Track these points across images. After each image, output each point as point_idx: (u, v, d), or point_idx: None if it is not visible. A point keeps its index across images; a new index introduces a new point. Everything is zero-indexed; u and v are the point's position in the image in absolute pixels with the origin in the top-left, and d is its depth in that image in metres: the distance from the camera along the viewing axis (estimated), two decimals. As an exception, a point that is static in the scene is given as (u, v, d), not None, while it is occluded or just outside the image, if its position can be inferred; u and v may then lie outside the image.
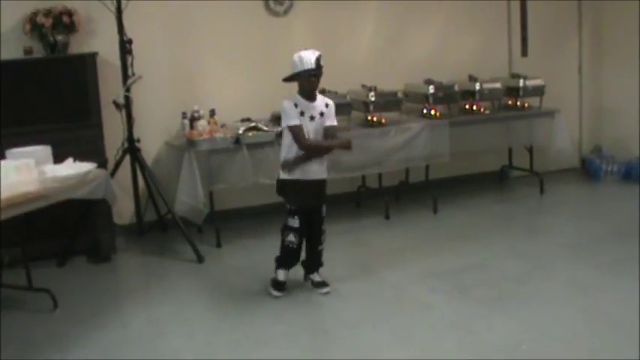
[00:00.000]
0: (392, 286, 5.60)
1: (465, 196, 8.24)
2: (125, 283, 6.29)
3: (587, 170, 9.20)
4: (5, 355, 4.56)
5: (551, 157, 8.66)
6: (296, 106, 5.23)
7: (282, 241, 5.46)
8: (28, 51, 6.43)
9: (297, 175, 5.30)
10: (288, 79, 5.33)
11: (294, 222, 5.36)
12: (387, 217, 7.45)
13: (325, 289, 5.45)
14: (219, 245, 6.76)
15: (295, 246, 5.40)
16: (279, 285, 5.47)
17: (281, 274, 5.50)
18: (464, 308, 5.13)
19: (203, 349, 4.64)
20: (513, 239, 6.71)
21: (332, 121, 5.37)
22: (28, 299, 5.49)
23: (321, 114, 5.28)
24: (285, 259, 5.50)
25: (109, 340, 4.80)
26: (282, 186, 5.43)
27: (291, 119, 5.23)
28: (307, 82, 5.22)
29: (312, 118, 5.25)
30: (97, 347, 4.69)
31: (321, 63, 5.19)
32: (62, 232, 6.23)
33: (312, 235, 5.47)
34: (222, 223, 6.95)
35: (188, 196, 6.48)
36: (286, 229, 5.41)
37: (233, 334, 4.86)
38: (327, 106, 5.35)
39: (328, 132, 5.35)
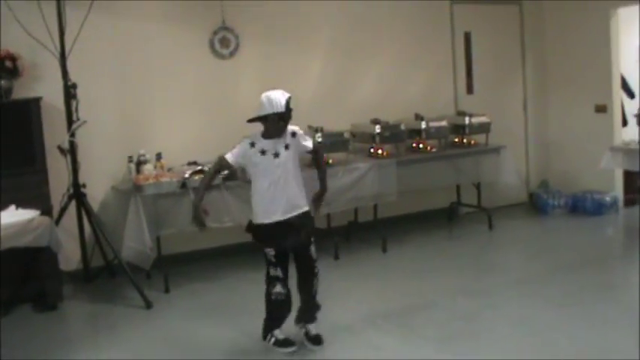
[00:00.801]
0: (342, 327, 5.55)
1: (414, 234, 8.27)
2: (72, 332, 6.16)
3: (535, 205, 9.32)
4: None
5: (499, 192, 8.79)
6: (253, 145, 4.88)
7: (268, 294, 5.03)
8: (-29, 96, 6.35)
9: (267, 216, 4.90)
10: (253, 120, 4.96)
11: (277, 271, 4.97)
12: (337, 258, 7.44)
13: (316, 347, 5.09)
14: (167, 290, 6.68)
15: (284, 297, 5.00)
16: (285, 342, 5.09)
17: (278, 333, 5.11)
18: (414, 348, 5.11)
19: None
20: (463, 277, 6.73)
21: (306, 145, 5.06)
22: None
23: (287, 147, 4.90)
24: (276, 315, 5.10)
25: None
26: (253, 231, 5.05)
27: (230, 154, 4.97)
28: (274, 126, 4.86)
29: (276, 154, 4.86)
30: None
31: (291, 105, 4.87)
32: (6, 280, 6.10)
33: (301, 280, 5.10)
34: (171, 267, 6.89)
35: (135, 241, 6.40)
36: (270, 280, 5.00)
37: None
38: (293, 135, 4.96)
39: (316, 155, 5.23)
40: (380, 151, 7.78)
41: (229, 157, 4.96)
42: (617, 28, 8.87)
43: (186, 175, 6.65)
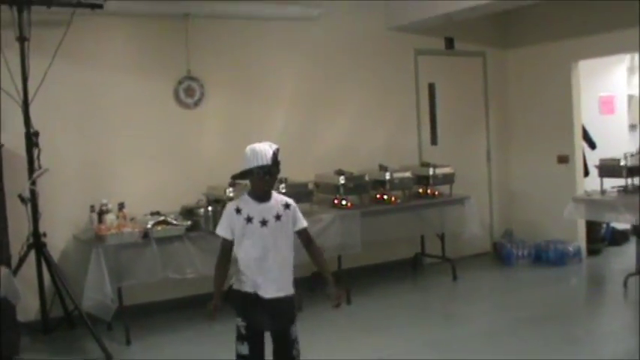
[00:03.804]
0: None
1: (378, 286, 8.24)
2: (28, 387, 6.05)
3: (499, 254, 9.36)
4: None
5: (464, 242, 8.82)
6: (238, 211, 4.31)
7: None
8: None
9: (249, 286, 4.32)
10: (237, 177, 4.45)
11: (243, 349, 4.32)
12: (300, 309, 7.33)
13: None
14: (128, 342, 6.58)
15: None
16: None
17: None
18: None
19: None
20: (428, 329, 6.71)
21: (301, 223, 4.46)
22: None
23: (278, 217, 4.33)
24: None
25: None
26: (231, 295, 4.43)
27: (220, 227, 4.39)
28: (260, 181, 4.30)
29: (263, 222, 4.29)
30: None
31: (279, 158, 4.31)
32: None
33: None
34: (132, 318, 6.78)
35: (96, 292, 6.31)
36: (237, 357, 4.37)
37: None
38: (287, 206, 4.40)
39: (302, 237, 4.49)
40: (344, 202, 7.77)
41: (222, 232, 4.37)
42: (578, 79, 9.04)
43: (149, 226, 6.58)
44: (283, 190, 7.09)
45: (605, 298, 7.88)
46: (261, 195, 4.36)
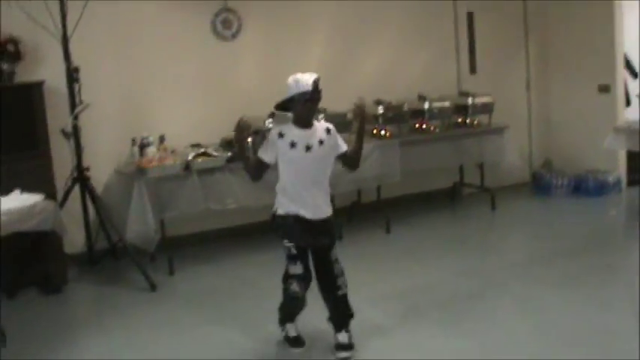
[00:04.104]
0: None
1: (417, 215, 8.29)
2: (77, 315, 6.21)
3: (538, 185, 9.32)
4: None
5: (502, 172, 8.78)
6: (282, 135, 4.50)
7: (285, 290, 4.64)
8: (-28, 81, 6.34)
9: (292, 209, 4.54)
10: (280, 105, 4.63)
11: (296, 268, 4.51)
12: (340, 238, 7.44)
13: (343, 354, 4.69)
14: (171, 273, 6.71)
15: (300, 295, 4.58)
16: (294, 341, 4.86)
17: (291, 329, 4.89)
18: (417, 330, 5.14)
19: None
20: (466, 258, 6.76)
21: (342, 147, 4.69)
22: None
23: (321, 142, 4.52)
24: (290, 311, 4.86)
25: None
26: (275, 221, 4.64)
27: (263, 151, 4.57)
28: (302, 108, 4.49)
29: (308, 148, 4.47)
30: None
31: (320, 87, 4.50)
32: (12, 263, 6.13)
33: (322, 283, 4.71)
34: (175, 249, 6.91)
35: (139, 224, 6.42)
36: (288, 277, 4.57)
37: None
38: (328, 131, 4.61)
39: (345, 161, 4.76)
40: (383, 132, 7.78)
41: (265, 156, 4.55)
42: (621, 7, 8.83)
43: (190, 158, 6.66)
44: (322, 121, 7.08)
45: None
46: (304, 122, 4.54)
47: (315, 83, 4.48)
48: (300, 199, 4.52)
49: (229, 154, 6.78)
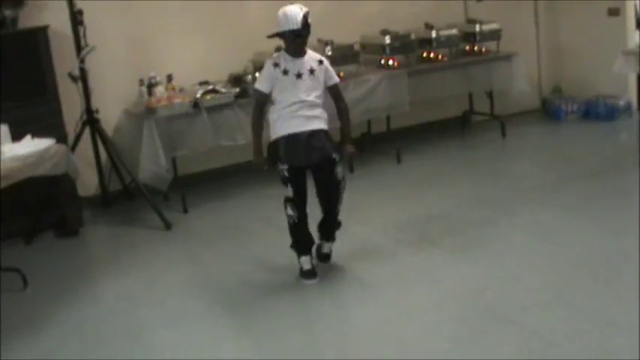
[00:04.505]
0: (358, 239, 5.63)
1: (428, 144, 8.29)
2: (94, 256, 6.31)
3: (548, 111, 9.28)
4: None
5: (512, 99, 8.75)
6: (276, 65, 4.79)
7: (286, 216, 4.94)
8: (-23, 30, 6.30)
9: (283, 131, 4.80)
10: (272, 36, 4.88)
11: (288, 191, 4.83)
12: (351, 170, 7.48)
13: (325, 262, 5.15)
14: (185, 211, 6.77)
15: (296, 220, 4.87)
16: (307, 274, 4.98)
17: (305, 262, 4.99)
18: (430, 258, 5.19)
19: (175, 317, 4.66)
20: (477, 185, 6.77)
21: (333, 79, 4.96)
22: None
23: (311, 71, 4.80)
24: (294, 239, 5.00)
25: (82, 316, 4.81)
26: (270, 149, 4.93)
27: (259, 82, 4.90)
28: (292, 43, 4.78)
29: (298, 75, 4.76)
30: (70, 324, 4.70)
31: (309, 20, 4.70)
32: (27, 209, 6.20)
33: (323, 198, 4.96)
34: (188, 187, 6.96)
35: (151, 164, 6.47)
36: (285, 202, 4.87)
37: (203, 298, 4.90)
38: (320, 62, 4.87)
39: (332, 93, 4.98)
40: (390, 62, 7.74)
41: (260, 86, 4.86)
42: None
43: (198, 95, 6.65)
44: (329, 53, 7.08)
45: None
46: (296, 51, 4.82)
47: (305, 18, 4.68)
48: (291, 123, 4.78)
49: (237, 90, 6.78)
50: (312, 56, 4.91)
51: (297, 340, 4.26)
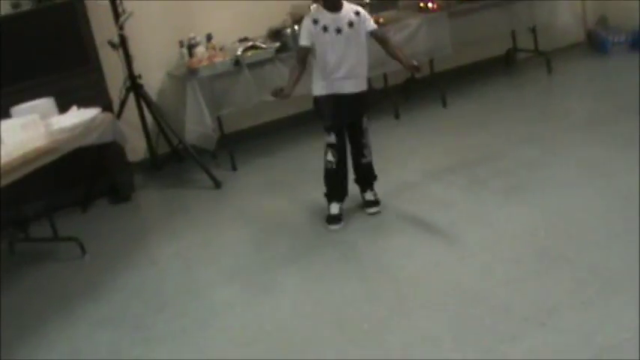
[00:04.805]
0: (408, 185, 5.65)
1: (472, 86, 8.17)
2: (148, 220, 6.39)
3: (594, 43, 9.06)
4: (41, 308, 4.68)
5: (556, 34, 8.58)
6: (315, 22, 4.86)
7: (324, 163, 5.16)
8: (15, 5, 6.30)
9: (325, 90, 4.98)
10: None
11: (330, 138, 5.05)
12: (397, 117, 7.45)
13: (372, 209, 5.25)
14: (234, 168, 6.82)
15: (334, 166, 5.09)
16: (332, 218, 5.16)
17: (333, 208, 5.19)
18: (481, 200, 5.17)
19: (232, 274, 4.73)
20: (525, 124, 6.68)
21: (371, 25, 5.00)
22: (56, 250, 5.60)
23: (350, 24, 4.86)
24: (329, 184, 5.21)
25: (140, 279, 4.91)
26: (314, 102, 5.12)
27: (301, 38, 4.98)
28: None
29: (338, 30, 4.84)
30: (130, 288, 4.79)
31: None
32: (80, 179, 6.30)
33: (353, 149, 5.23)
34: (235, 145, 7.01)
35: (197, 124, 6.49)
36: (325, 147, 5.10)
37: (258, 255, 4.97)
38: (357, 14, 4.92)
39: (375, 38, 5.04)
40: (430, 5, 7.62)
41: (303, 41, 4.95)
42: None
43: (239, 53, 6.64)
44: (367, 0, 7.01)
45: None
46: (334, 5, 4.90)
47: None
48: (335, 79, 4.93)
49: (278, 44, 6.75)
50: (349, 8, 4.95)
51: (355, 289, 4.29)
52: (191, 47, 6.91)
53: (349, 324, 3.90)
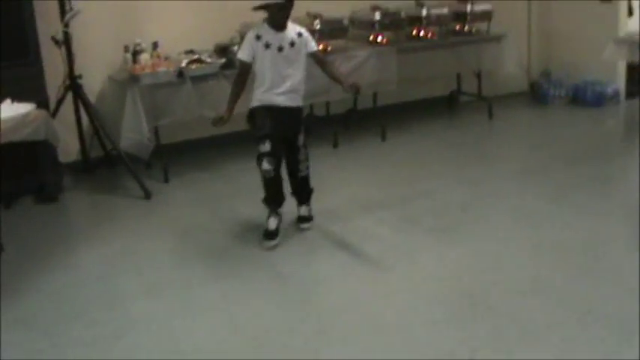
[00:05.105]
0: (340, 215, 5.63)
1: (413, 123, 8.24)
2: (73, 223, 6.23)
3: (536, 94, 9.26)
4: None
5: (500, 81, 8.72)
6: (258, 38, 4.97)
7: (260, 173, 5.06)
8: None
9: (264, 101, 5.05)
10: (257, 9, 5.00)
11: (265, 147, 4.94)
12: (336, 146, 7.44)
13: (305, 225, 5.39)
14: (166, 180, 6.71)
15: (272, 174, 4.99)
16: (269, 234, 5.15)
17: (271, 223, 5.19)
18: (410, 238, 5.17)
19: (152, 287, 4.63)
20: (462, 166, 6.74)
21: (312, 46, 5.15)
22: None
23: (292, 44, 5.01)
24: (268, 193, 5.22)
25: (58, 283, 4.76)
26: (249, 115, 5.16)
27: (241, 52, 5.08)
28: (277, 15, 4.96)
29: (280, 49, 4.97)
30: (46, 291, 4.64)
31: None
32: (7, 174, 6.11)
33: (289, 164, 5.30)
34: (170, 157, 6.90)
35: (133, 132, 6.37)
36: (259, 157, 4.99)
37: (182, 270, 4.86)
38: (299, 35, 5.07)
39: (315, 59, 5.19)
40: (379, 39, 7.67)
41: (243, 56, 5.06)
42: None
43: (183, 65, 6.57)
44: (318, 27, 7.02)
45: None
46: (278, 25, 4.99)
47: None
48: (272, 93, 5.04)
49: (223, 60, 6.70)
50: (292, 28, 5.08)
51: (275, 316, 4.23)
52: (136, 53, 6.81)
53: (265, 353, 3.83)
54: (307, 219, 5.41)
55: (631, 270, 4.41)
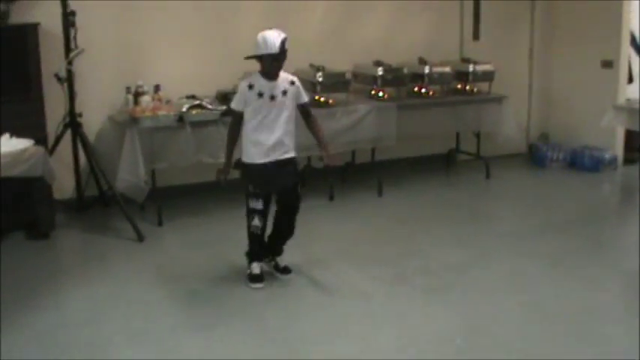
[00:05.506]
0: (330, 269, 5.58)
1: (410, 179, 8.24)
2: (63, 261, 6.19)
3: (534, 156, 9.26)
4: None
5: (499, 142, 8.71)
6: (251, 87, 5.03)
7: (248, 227, 5.22)
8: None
9: (255, 158, 5.09)
10: (249, 58, 5.09)
11: (257, 204, 5.12)
12: (332, 199, 7.43)
13: (288, 276, 5.39)
14: (160, 224, 6.68)
15: (260, 231, 5.18)
16: (255, 277, 5.25)
17: (255, 268, 5.28)
18: (403, 298, 5.12)
19: (137, 334, 4.56)
20: (457, 226, 6.71)
21: (303, 98, 5.22)
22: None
23: (284, 92, 5.06)
24: (253, 248, 5.30)
25: (42, 323, 4.70)
26: (240, 166, 5.21)
27: (234, 101, 5.16)
28: (269, 66, 5.02)
29: (272, 97, 5.01)
30: (29, 331, 4.59)
31: (286, 46, 4.98)
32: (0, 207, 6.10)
33: (285, 214, 5.27)
34: (165, 200, 6.86)
35: (129, 174, 6.37)
36: (250, 212, 5.16)
37: (170, 316, 4.81)
38: (292, 83, 5.13)
39: (302, 111, 5.24)
40: (381, 94, 7.71)
41: (235, 105, 5.13)
42: (630, -18, 8.68)
43: (184, 109, 6.59)
44: (320, 79, 7.05)
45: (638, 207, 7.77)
46: (270, 74, 5.06)
47: (282, 44, 4.94)
48: (264, 144, 5.05)
49: (224, 107, 6.72)
50: (284, 78, 5.14)
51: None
52: (137, 95, 6.84)
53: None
54: (288, 269, 5.42)
55: (621, 339, 4.39)
